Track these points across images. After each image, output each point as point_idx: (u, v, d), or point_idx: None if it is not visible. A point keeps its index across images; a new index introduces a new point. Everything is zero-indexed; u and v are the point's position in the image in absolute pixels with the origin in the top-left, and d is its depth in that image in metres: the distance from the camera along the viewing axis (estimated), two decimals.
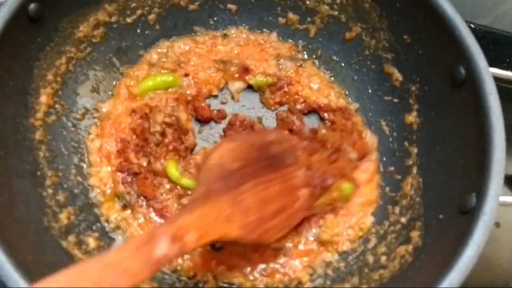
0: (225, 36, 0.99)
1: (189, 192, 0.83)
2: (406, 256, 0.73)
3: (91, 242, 0.77)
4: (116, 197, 0.83)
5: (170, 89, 0.91)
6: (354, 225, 0.84)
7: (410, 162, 0.84)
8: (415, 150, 0.85)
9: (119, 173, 0.85)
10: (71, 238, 0.74)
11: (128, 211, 0.83)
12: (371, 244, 0.81)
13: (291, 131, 0.91)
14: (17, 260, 0.58)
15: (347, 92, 0.97)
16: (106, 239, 0.79)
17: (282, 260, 0.81)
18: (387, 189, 0.87)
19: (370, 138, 0.92)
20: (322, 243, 0.83)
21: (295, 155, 0.79)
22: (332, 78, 0.98)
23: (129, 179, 0.85)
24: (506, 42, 1.15)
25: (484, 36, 0.68)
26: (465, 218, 0.65)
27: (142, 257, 0.55)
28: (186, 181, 0.84)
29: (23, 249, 0.62)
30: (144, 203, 0.84)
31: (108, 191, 0.84)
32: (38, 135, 0.77)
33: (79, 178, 0.83)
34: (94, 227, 0.80)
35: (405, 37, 0.85)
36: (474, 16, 1.15)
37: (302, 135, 0.89)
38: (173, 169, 0.84)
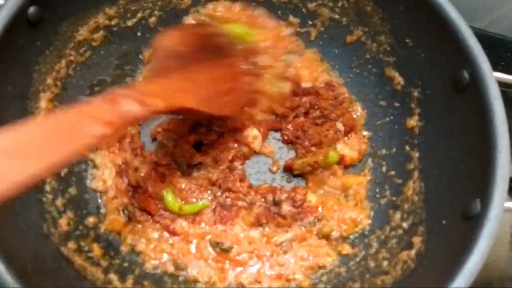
0: None
1: None
2: (408, 261, 0.73)
3: (96, 249, 0.76)
4: (119, 209, 0.82)
5: None
6: (347, 219, 0.85)
7: (412, 167, 0.84)
8: (417, 154, 0.84)
9: (121, 180, 0.84)
10: (71, 244, 0.73)
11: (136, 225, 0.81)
12: (372, 249, 0.81)
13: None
14: (16, 268, 0.57)
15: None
16: (108, 246, 0.78)
17: (285, 257, 0.81)
18: (388, 193, 0.86)
19: (359, 114, 0.94)
20: (323, 236, 0.84)
21: (236, 48, 0.86)
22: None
23: (130, 192, 0.83)
24: (501, 46, 1.16)
25: (479, 39, 0.69)
26: (469, 224, 0.64)
27: (109, 109, 0.56)
28: (188, 208, 0.82)
29: (22, 257, 0.62)
30: (149, 219, 0.82)
31: (110, 193, 0.83)
32: None
33: (80, 183, 0.82)
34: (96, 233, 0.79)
35: (407, 40, 0.85)
36: (470, 19, 1.14)
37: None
38: (172, 200, 0.82)
